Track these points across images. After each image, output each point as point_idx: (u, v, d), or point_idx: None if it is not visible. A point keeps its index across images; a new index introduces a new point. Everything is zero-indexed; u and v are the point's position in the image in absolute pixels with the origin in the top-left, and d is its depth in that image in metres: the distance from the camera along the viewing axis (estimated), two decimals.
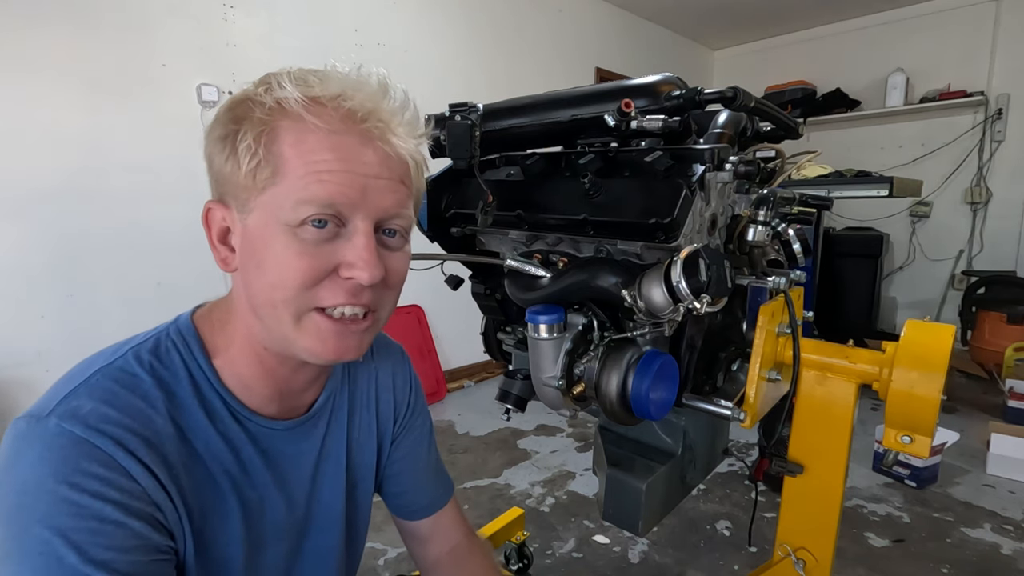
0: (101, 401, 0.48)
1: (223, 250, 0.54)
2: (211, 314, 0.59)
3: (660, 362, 0.71)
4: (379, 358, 0.76)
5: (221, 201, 0.53)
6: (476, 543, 0.83)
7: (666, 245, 0.68)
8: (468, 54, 3.30)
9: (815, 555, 0.89)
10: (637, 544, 1.81)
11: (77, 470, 0.45)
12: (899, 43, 4.14)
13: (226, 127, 0.51)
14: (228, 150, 0.50)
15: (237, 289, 0.56)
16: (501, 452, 2.47)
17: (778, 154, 0.86)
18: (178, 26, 2.26)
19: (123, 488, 0.46)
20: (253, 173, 0.49)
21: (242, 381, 0.57)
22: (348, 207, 0.50)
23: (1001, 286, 3.52)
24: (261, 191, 0.50)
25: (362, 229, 0.51)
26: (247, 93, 0.51)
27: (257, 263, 0.51)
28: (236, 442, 0.57)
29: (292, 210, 0.49)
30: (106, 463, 0.46)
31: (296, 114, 0.49)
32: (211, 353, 0.56)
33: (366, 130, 0.51)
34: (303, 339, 0.52)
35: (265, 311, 0.52)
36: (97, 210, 2.12)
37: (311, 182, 0.49)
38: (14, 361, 1.98)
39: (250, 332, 0.56)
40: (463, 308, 1.23)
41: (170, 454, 0.51)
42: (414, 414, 0.79)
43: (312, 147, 0.49)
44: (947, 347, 0.71)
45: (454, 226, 0.91)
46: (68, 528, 0.43)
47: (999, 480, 2.21)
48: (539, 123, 0.87)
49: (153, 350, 0.54)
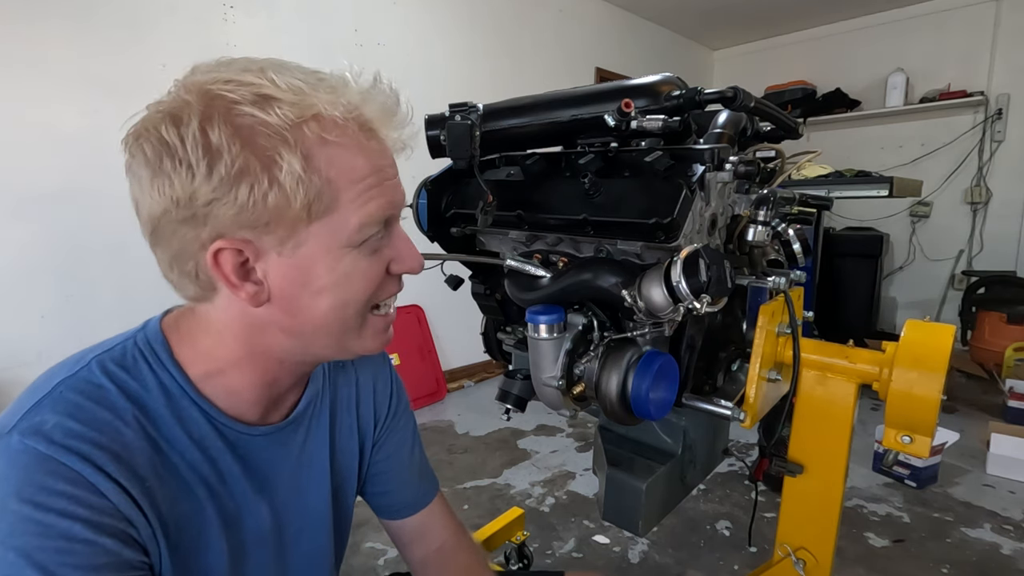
0: (65, 415, 0.46)
1: (250, 287, 0.49)
2: (179, 325, 0.56)
3: (660, 362, 0.71)
4: (359, 361, 0.75)
5: (233, 237, 0.47)
6: (464, 540, 0.82)
7: (666, 245, 0.68)
8: (468, 54, 3.30)
9: (815, 555, 0.89)
10: (637, 544, 1.81)
11: (42, 488, 0.43)
12: (899, 43, 4.14)
13: (246, 159, 0.44)
14: (266, 184, 0.45)
15: (238, 314, 0.51)
16: (501, 452, 2.47)
17: (778, 154, 0.86)
18: (178, 26, 2.26)
19: (91, 505, 0.44)
20: (308, 206, 0.46)
21: (229, 392, 0.55)
22: (392, 216, 0.53)
23: (1001, 286, 3.52)
24: (315, 221, 0.47)
25: (397, 227, 0.55)
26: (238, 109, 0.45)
27: (316, 290, 0.50)
28: (213, 451, 0.55)
29: (357, 232, 0.49)
30: (73, 480, 0.44)
31: (331, 131, 0.47)
32: (184, 363, 0.54)
33: (379, 132, 0.52)
34: (363, 341, 0.55)
35: (324, 331, 0.53)
36: (97, 210, 2.12)
37: (365, 202, 0.49)
38: (14, 361, 1.98)
39: (264, 350, 0.54)
40: (463, 308, 1.23)
41: (141, 467, 0.48)
42: (396, 416, 0.79)
43: (358, 166, 0.49)
44: (947, 347, 0.71)
45: (454, 226, 0.91)
46: (33, 548, 0.41)
47: (999, 480, 2.21)
48: (539, 123, 0.87)
49: (119, 360, 0.52)
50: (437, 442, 2.58)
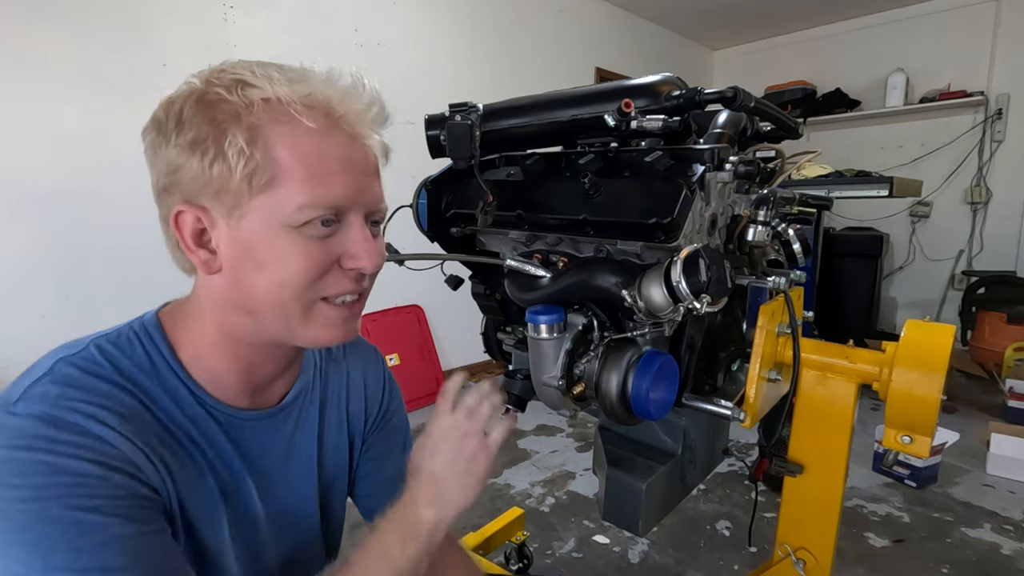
0: (67, 386, 0.48)
1: (202, 253, 0.52)
2: (174, 312, 0.59)
3: (660, 362, 0.71)
4: (351, 357, 0.76)
5: (193, 203, 0.51)
6: (453, 550, 0.76)
7: (666, 245, 0.68)
8: (468, 54, 3.30)
9: (815, 555, 0.89)
10: (637, 544, 1.81)
11: (47, 439, 0.44)
12: (899, 43, 4.14)
13: (199, 129, 0.49)
14: (212, 154, 0.49)
15: (212, 289, 0.55)
16: (501, 452, 2.44)
17: (778, 154, 0.86)
18: (178, 26, 2.26)
19: (97, 450, 0.46)
20: (248, 178, 0.49)
21: (212, 374, 0.57)
22: (345, 206, 0.53)
23: (1001, 286, 3.52)
24: (256, 195, 0.50)
25: (357, 222, 0.54)
26: (213, 91, 0.49)
27: (258, 264, 0.51)
28: (206, 430, 0.57)
29: (296, 213, 0.50)
30: (77, 431, 0.46)
31: (286, 115, 0.50)
32: (176, 347, 0.56)
33: (349, 128, 0.53)
34: (311, 330, 0.55)
35: (268, 309, 0.53)
36: (97, 210, 2.12)
37: (313, 186, 0.50)
38: (14, 361, 1.97)
39: (230, 330, 0.56)
40: (463, 308, 1.23)
41: (144, 430, 0.50)
42: (387, 417, 0.78)
43: (308, 150, 0.50)
44: (947, 347, 0.71)
45: (454, 226, 0.91)
46: (46, 485, 0.43)
47: (999, 480, 2.21)
48: (539, 123, 0.87)
49: (114, 341, 0.54)
50: None
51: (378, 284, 0.65)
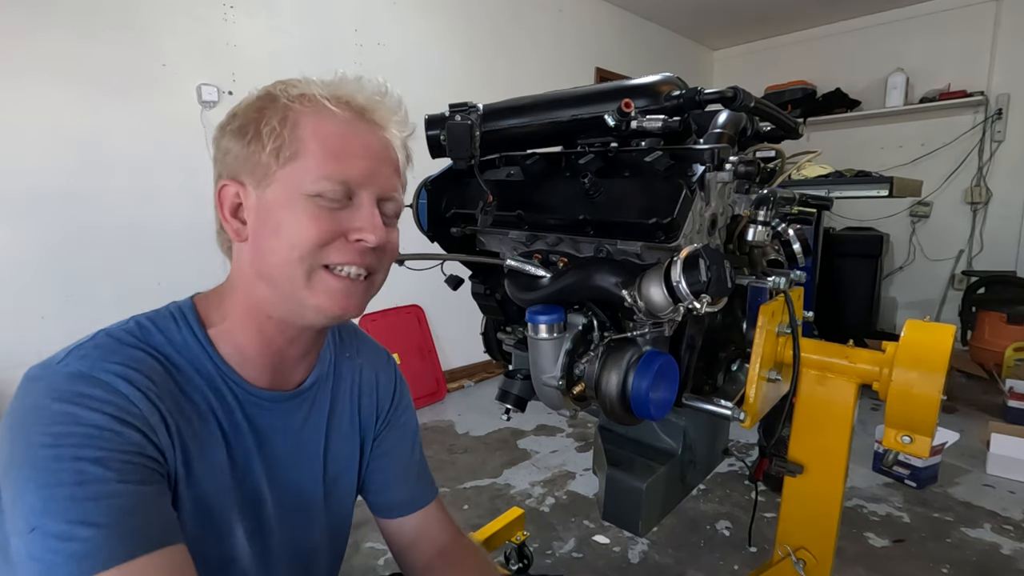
0: (105, 350, 0.54)
1: (235, 223, 0.60)
2: (208, 296, 0.65)
3: (660, 362, 0.71)
4: (364, 357, 0.79)
5: (235, 179, 0.59)
6: (467, 545, 0.82)
7: (666, 245, 0.68)
8: (468, 54, 3.30)
9: (815, 555, 0.89)
10: (637, 544, 1.81)
11: (77, 393, 0.50)
12: (899, 43, 4.14)
13: (247, 117, 0.58)
14: (251, 135, 0.57)
15: (242, 261, 0.61)
16: (501, 452, 2.47)
17: (778, 154, 0.86)
18: (178, 26, 2.25)
19: (119, 406, 0.50)
20: (276, 152, 0.56)
21: (238, 349, 0.62)
22: (358, 184, 0.58)
23: (1001, 286, 3.52)
24: (282, 167, 0.57)
25: (368, 202, 0.59)
26: (268, 90, 0.60)
27: (274, 228, 0.57)
28: (225, 404, 0.61)
29: (313, 183, 0.56)
30: (106, 388, 0.51)
31: (317, 104, 0.58)
32: (206, 324, 0.62)
33: (372, 122, 0.61)
34: (314, 296, 0.58)
35: (279, 271, 0.58)
36: (97, 210, 2.12)
37: (330, 161, 0.57)
38: (14, 361, 1.97)
39: (255, 301, 0.61)
40: (463, 308, 1.23)
41: (168, 396, 0.55)
42: (397, 412, 0.81)
43: (330, 132, 0.58)
44: (947, 347, 0.71)
45: (454, 226, 0.91)
46: (65, 433, 0.48)
47: (999, 480, 2.21)
48: (539, 123, 0.87)
49: (152, 317, 0.60)
50: (437, 442, 2.58)
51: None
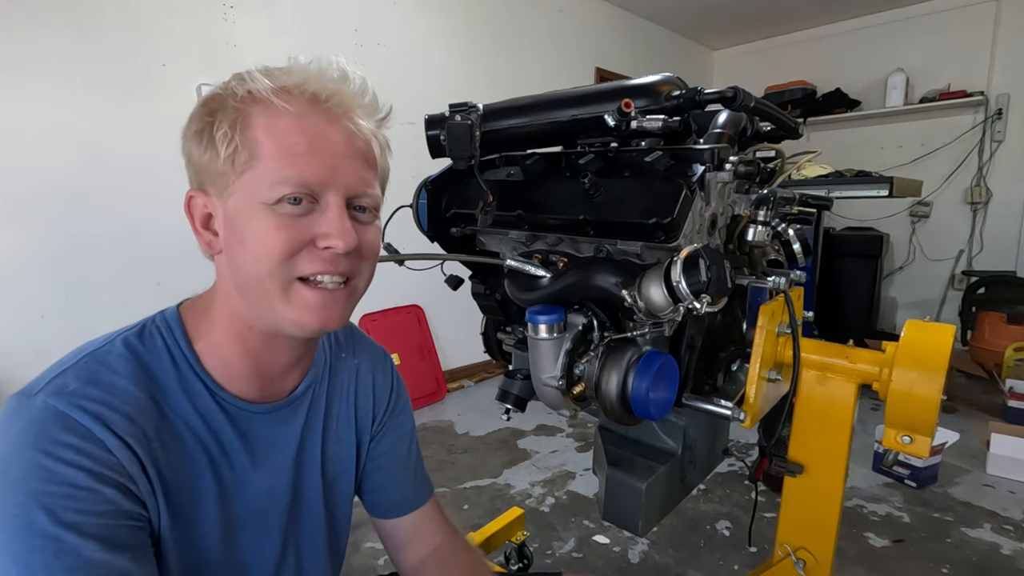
0: (85, 381, 0.51)
1: (207, 235, 0.57)
2: (195, 304, 0.62)
3: (660, 362, 0.71)
4: (361, 356, 0.78)
5: (201, 189, 0.56)
6: (459, 542, 0.82)
7: (666, 245, 0.68)
8: (468, 54, 3.30)
9: (815, 555, 0.89)
10: (637, 544, 1.81)
11: (54, 440, 0.47)
12: (899, 43, 4.14)
13: (201, 121, 0.54)
14: (205, 141, 0.54)
15: (221, 272, 0.59)
16: (501, 452, 2.47)
17: (778, 154, 0.86)
18: (178, 26, 2.25)
19: (96, 458, 0.49)
20: (231, 159, 0.53)
21: (224, 363, 0.60)
22: (320, 185, 0.54)
23: (1001, 286, 3.52)
24: (239, 175, 0.53)
25: (334, 203, 0.54)
26: (218, 89, 0.55)
27: (240, 240, 0.54)
28: (215, 423, 0.59)
29: (269, 190, 0.52)
30: (82, 435, 0.49)
31: (265, 101, 0.53)
32: (193, 338, 0.59)
33: (329, 111, 0.55)
34: (291, 311, 0.55)
35: (251, 286, 0.55)
36: (97, 210, 2.12)
37: (285, 164, 0.52)
38: (14, 361, 1.98)
39: (235, 313, 0.58)
40: (463, 308, 1.23)
41: (149, 429, 0.53)
42: (395, 412, 0.80)
43: (283, 130, 0.53)
44: (947, 347, 0.71)
45: (454, 226, 0.91)
46: (40, 492, 0.46)
47: (999, 480, 2.21)
48: (539, 123, 0.87)
49: (138, 334, 0.58)
50: (437, 442, 2.58)
51: (378, 284, 0.65)
